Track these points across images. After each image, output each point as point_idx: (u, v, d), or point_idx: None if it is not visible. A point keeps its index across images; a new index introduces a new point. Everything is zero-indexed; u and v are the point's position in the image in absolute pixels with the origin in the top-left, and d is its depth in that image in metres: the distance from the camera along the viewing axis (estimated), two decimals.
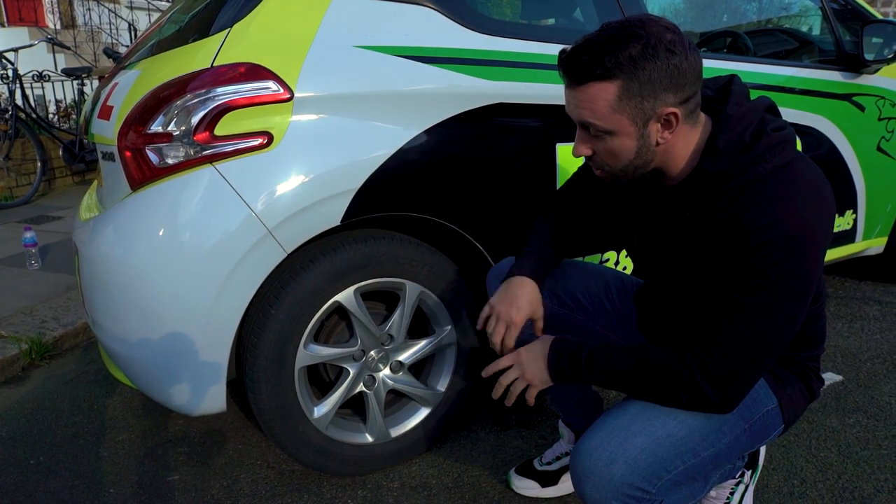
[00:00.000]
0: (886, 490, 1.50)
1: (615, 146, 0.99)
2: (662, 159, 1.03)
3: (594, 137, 1.00)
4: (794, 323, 0.96)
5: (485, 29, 1.56)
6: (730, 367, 0.96)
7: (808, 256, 0.93)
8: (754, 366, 0.96)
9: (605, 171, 1.05)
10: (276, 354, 1.43)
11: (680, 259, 1.09)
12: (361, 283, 1.50)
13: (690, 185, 1.04)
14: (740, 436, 1.07)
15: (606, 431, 1.00)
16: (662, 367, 1.00)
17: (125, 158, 1.39)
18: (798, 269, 0.93)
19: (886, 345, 2.31)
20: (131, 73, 1.54)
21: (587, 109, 0.96)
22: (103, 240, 1.42)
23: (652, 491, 0.99)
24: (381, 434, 1.61)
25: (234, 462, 1.72)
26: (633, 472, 0.96)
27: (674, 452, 0.99)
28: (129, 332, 1.39)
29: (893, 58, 2.25)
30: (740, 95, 1.04)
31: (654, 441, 0.98)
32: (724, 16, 4.07)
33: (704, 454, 1.03)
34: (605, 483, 0.96)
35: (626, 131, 0.97)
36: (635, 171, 1.03)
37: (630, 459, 0.97)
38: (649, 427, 1.00)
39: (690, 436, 1.01)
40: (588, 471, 0.98)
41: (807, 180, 0.96)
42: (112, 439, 1.86)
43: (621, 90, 0.93)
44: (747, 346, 0.95)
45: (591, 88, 0.95)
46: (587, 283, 1.39)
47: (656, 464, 0.98)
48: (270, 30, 1.38)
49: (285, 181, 1.35)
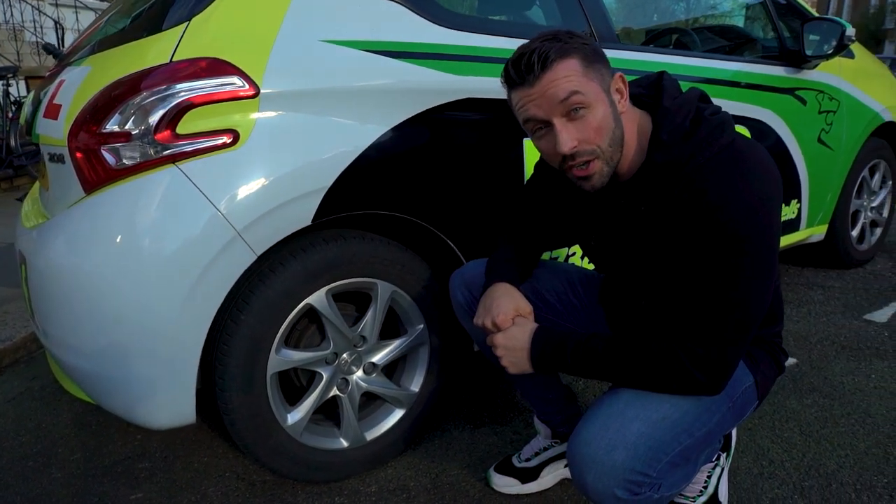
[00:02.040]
0: (848, 465, 1.57)
1: (597, 118, 1.00)
2: (626, 135, 1.06)
3: (574, 121, 1.00)
4: (768, 295, 1.00)
5: (449, 23, 1.55)
6: (718, 348, 0.98)
7: (771, 226, 0.97)
8: (739, 343, 1.00)
9: (596, 163, 1.03)
10: (247, 361, 1.38)
11: (640, 255, 1.11)
12: (333, 285, 1.46)
13: (641, 180, 1.06)
14: (726, 414, 1.10)
15: (602, 419, 1.01)
16: (651, 356, 1.01)
17: (77, 160, 1.31)
18: (764, 241, 0.96)
19: (833, 327, 2.42)
20: (80, 69, 1.45)
21: (563, 84, 0.98)
22: (55, 247, 1.33)
23: (653, 475, 1.00)
24: (356, 438, 1.58)
25: (202, 475, 1.65)
26: (634, 458, 0.97)
27: (670, 434, 1.01)
28: (86, 343, 1.31)
29: (833, 53, 2.36)
30: (673, 89, 1.09)
31: (651, 425, 1.00)
32: (667, 13, 4.19)
33: (698, 434, 1.05)
34: (607, 471, 0.97)
35: (599, 98, 1.01)
36: (617, 148, 1.04)
37: (630, 445, 0.98)
38: (644, 412, 1.01)
39: (684, 417, 1.03)
40: (589, 460, 0.98)
41: (754, 156, 1.01)
42: (65, 459, 1.75)
43: (582, 61, 1.00)
44: (731, 325, 0.98)
45: (559, 66, 0.99)
46: (553, 282, 1.39)
47: (655, 447, 0.99)
48: (232, 23, 1.32)
49: (253, 181, 1.29)
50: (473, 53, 1.56)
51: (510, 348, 1.12)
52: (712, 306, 0.97)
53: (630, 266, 1.16)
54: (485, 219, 1.62)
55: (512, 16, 2.15)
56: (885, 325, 2.44)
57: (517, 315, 1.17)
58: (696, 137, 1.00)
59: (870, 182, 3.06)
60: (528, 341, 1.10)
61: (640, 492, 1.00)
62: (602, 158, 1.03)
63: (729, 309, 0.97)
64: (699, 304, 0.98)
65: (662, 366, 1.00)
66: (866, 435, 1.70)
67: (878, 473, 1.54)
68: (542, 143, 1.06)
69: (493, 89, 1.57)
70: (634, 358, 1.02)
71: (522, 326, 1.13)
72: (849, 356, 2.17)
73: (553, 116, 1.00)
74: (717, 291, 0.97)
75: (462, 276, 1.37)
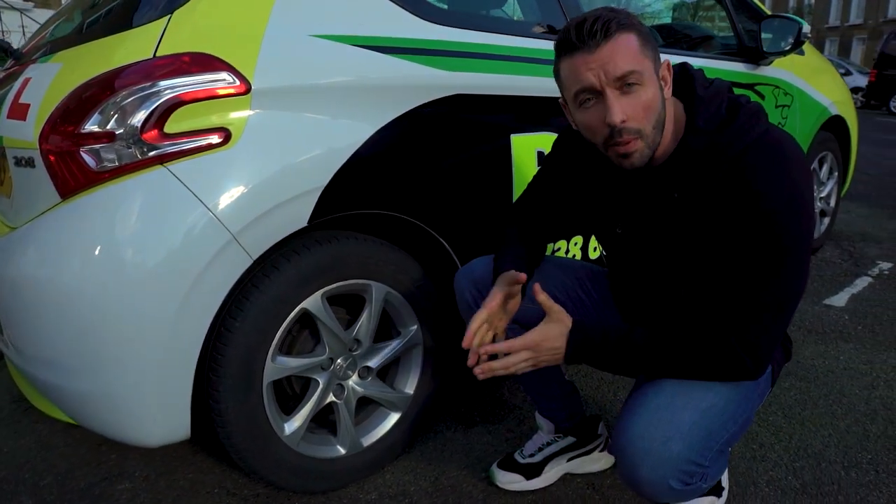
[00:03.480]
0: (833, 444, 1.63)
1: (648, 97, 1.00)
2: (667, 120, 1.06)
3: (625, 95, 0.99)
4: (805, 280, 1.02)
5: (434, 18, 1.52)
6: (762, 333, 1.00)
7: (809, 213, 1.00)
8: (781, 327, 1.02)
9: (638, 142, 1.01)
10: (242, 370, 1.32)
11: (671, 242, 1.11)
12: (328, 287, 1.41)
13: (675, 166, 1.06)
14: (756, 400, 1.12)
15: (652, 411, 1.00)
16: (699, 344, 1.02)
17: (51, 163, 1.22)
18: (802, 227, 0.99)
19: (797, 313, 2.52)
20: (48, 66, 1.36)
21: (623, 56, 0.97)
22: (31, 257, 1.24)
23: (705, 464, 1.01)
24: (353, 444, 1.53)
25: (189, 493, 1.56)
26: (689, 448, 0.98)
27: (718, 423, 1.02)
28: (69, 360, 1.22)
29: (790, 50, 2.46)
30: (702, 79, 1.10)
31: (701, 414, 1.00)
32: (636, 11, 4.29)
33: (741, 420, 1.07)
34: (663, 462, 0.97)
35: (652, 79, 1.01)
36: (659, 132, 1.03)
37: (685, 435, 0.98)
38: (692, 402, 1.01)
39: (728, 405, 1.04)
40: (644, 452, 0.97)
41: (789, 144, 1.03)
42: (35, 484, 1.63)
43: (640, 38, 0.99)
44: (774, 310, 0.99)
45: (620, 38, 0.98)
46: (561, 277, 1.39)
47: (706, 436, 1.00)
48: (217, 16, 1.26)
49: (247, 181, 1.24)
50: (460, 49, 1.54)
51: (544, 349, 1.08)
52: (754, 292, 0.98)
53: (657, 254, 1.15)
54: (477, 217, 1.60)
55: (490, 12, 2.14)
56: (844, 309, 2.56)
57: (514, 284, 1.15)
58: (736, 125, 1.01)
59: (819, 173, 3.21)
60: (565, 337, 1.08)
61: (692, 482, 1.01)
62: (644, 140, 1.01)
63: (771, 294, 0.98)
64: (741, 290, 0.99)
65: (711, 353, 1.01)
66: (844, 414, 1.77)
67: (861, 450, 1.60)
68: (588, 114, 1.03)
69: (480, 85, 1.56)
70: (680, 347, 1.03)
71: (557, 323, 1.09)
72: (816, 340, 2.26)
73: (607, 86, 0.98)
74: (759, 277, 0.98)
75: (471, 275, 1.34)
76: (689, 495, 1.07)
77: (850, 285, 2.84)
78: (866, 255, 3.33)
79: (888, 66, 13.82)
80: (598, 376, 2.04)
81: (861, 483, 1.48)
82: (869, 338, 2.28)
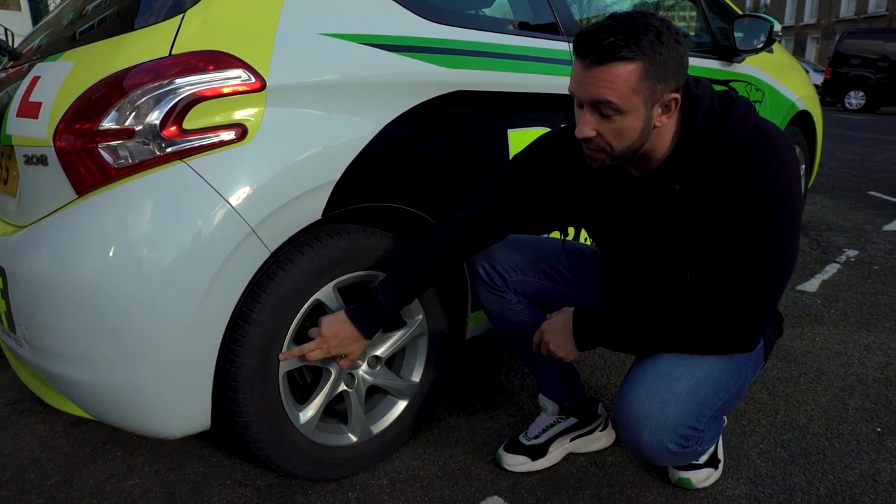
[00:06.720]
0: (816, 418, 1.73)
1: (624, 126, 1.05)
2: (651, 144, 1.12)
3: (603, 118, 1.06)
4: (795, 256, 1.11)
5: (435, 18, 1.57)
6: (756, 306, 1.08)
7: (798, 194, 1.08)
8: (773, 302, 1.10)
9: (602, 154, 1.10)
10: (260, 361, 1.35)
11: (675, 230, 1.18)
12: (340, 279, 1.45)
13: (676, 160, 1.14)
14: (748, 372, 1.20)
15: (651, 380, 1.08)
16: (695, 317, 1.09)
17: (67, 160, 1.24)
18: (792, 208, 1.07)
19: None
20: (58, 64, 1.37)
21: (608, 88, 1.01)
22: (50, 254, 1.25)
23: (700, 428, 1.08)
24: (364, 432, 1.57)
25: (201, 487, 1.58)
26: (685, 413, 1.05)
27: (712, 390, 1.10)
28: (88, 353, 1.24)
29: (762, 48, 2.57)
30: (690, 77, 1.16)
31: (696, 383, 1.08)
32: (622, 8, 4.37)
33: (732, 389, 1.15)
34: (661, 426, 1.04)
35: (637, 112, 1.04)
36: (631, 154, 1.10)
37: (680, 402, 1.05)
38: (688, 371, 1.09)
39: (721, 374, 1.12)
40: (644, 417, 1.05)
41: (778, 134, 1.11)
42: (42, 484, 1.63)
43: (641, 72, 1.01)
44: (766, 284, 1.07)
45: (615, 68, 1.00)
46: (570, 258, 1.46)
47: (701, 403, 1.08)
48: (229, 14, 1.29)
49: (264, 176, 1.27)
50: (460, 47, 1.60)
51: (553, 331, 1.16)
52: (749, 267, 1.06)
53: (661, 244, 1.22)
54: None
55: (482, 10, 2.20)
56: (816, 294, 2.69)
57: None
58: (733, 118, 1.09)
59: None
60: (570, 320, 1.15)
61: (688, 445, 1.08)
62: (609, 155, 1.09)
63: (764, 269, 1.07)
64: (737, 266, 1.07)
65: (707, 324, 1.08)
66: (824, 390, 1.88)
67: (842, 422, 1.71)
68: (577, 112, 1.11)
69: (479, 82, 1.62)
70: (678, 320, 1.10)
71: (561, 311, 1.18)
72: (792, 323, 2.38)
73: (585, 103, 1.05)
74: (753, 252, 1.06)
75: (484, 251, 1.41)
76: (685, 458, 1.16)
77: (821, 272, 2.98)
78: (833, 243, 3.48)
79: (842, 65, 14.35)
80: (591, 362, 2.12)
81: (844, 452, 1.59)
82: (841, 320, 2.41)
